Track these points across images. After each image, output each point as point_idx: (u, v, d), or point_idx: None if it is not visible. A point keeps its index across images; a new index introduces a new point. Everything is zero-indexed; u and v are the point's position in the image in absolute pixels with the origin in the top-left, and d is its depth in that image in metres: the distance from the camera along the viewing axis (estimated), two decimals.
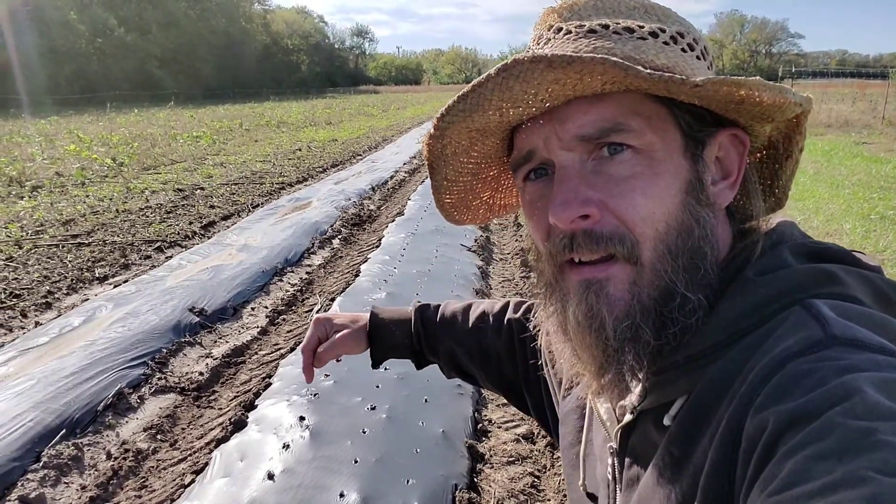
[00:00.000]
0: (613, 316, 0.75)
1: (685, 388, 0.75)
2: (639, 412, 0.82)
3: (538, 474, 2.94)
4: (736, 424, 0.63)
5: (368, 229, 7.75)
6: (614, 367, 0.77)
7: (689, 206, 0.76)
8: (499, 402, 3.60)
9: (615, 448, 0.87)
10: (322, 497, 2.60)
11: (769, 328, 0.69)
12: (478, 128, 0.83)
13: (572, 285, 0.79)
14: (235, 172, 11.89)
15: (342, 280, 5.59)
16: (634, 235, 0.74)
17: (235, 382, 3.90)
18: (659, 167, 0.75)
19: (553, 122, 0.77)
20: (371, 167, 12.49)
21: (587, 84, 0.71)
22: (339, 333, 1.35)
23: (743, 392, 0.65)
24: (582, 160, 0.77)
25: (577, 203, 0.74)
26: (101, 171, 11.46)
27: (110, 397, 3.58)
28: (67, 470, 3.03)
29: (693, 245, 0.76)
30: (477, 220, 1.07)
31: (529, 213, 0.85)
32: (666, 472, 0.73)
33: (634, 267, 0.75)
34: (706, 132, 0.79)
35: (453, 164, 0.92)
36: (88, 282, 5.75)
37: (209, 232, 7.60)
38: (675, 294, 0.74)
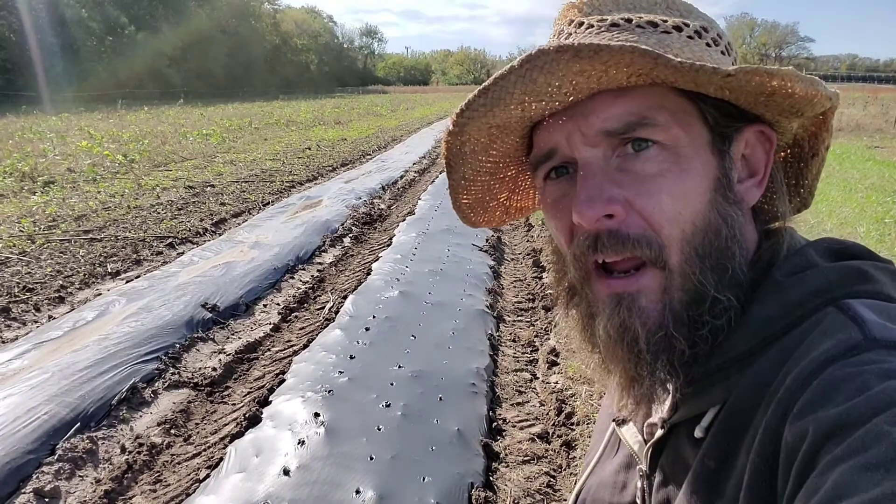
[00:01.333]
0: (646, 329, 0.72)
1: (718, 397, 0.72)
2: (670, 426, 0.79)
3: (554, 474, 2.93)
4: (774, 433, 0.60)
5: (379, 228, 7.75)
6: (648, 379, 0.74)
7: (716, 204, 0.73)
8: (513, 402, 3.59)
9: (644, 470, 0.84)
10: (338, 494, 2.59)
11: (803, 331, 0.67)
12: (498, 124, 0.80)
13: (601, 297, 0.77)
14: (245, 170, 11.91)
15: (354, 278, 5.59)
16: (661, 238, 0.72)
17: (249, 378, 3.90)
18: (686, 164, 0.73)
19: (576, 117, 0.75)
20: (381, 166, 12.49)
21: (612, 77, 0.69)
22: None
23: (780, 398, 0.61)
24: (606, 157, 0.74)
25: (602, 201, 0.71)
26: (113, 168, 11.49)
27: (124, 391, 3.58)
28: (82, 463, 3.03)
29: (721, 245, 0.73)
30: (493, 221, 1.02)
31: (551, 214, 0.82)
32: (702, 487, 0.70)
33: (663, 272, 0.73)
34: (733, 128, 0.76)
35: (472, 163, 0.88)
36: (101, 277, 5.77)
37: (220, 229, 7.61)
38: (705, 296, 0.72)
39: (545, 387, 3.73)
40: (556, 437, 3.18)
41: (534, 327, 4.66)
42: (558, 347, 4.14)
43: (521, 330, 4.61)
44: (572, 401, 3.43)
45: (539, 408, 3.52)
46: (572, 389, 3.55)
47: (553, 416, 3.35)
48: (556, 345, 4.18)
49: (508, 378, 3.86)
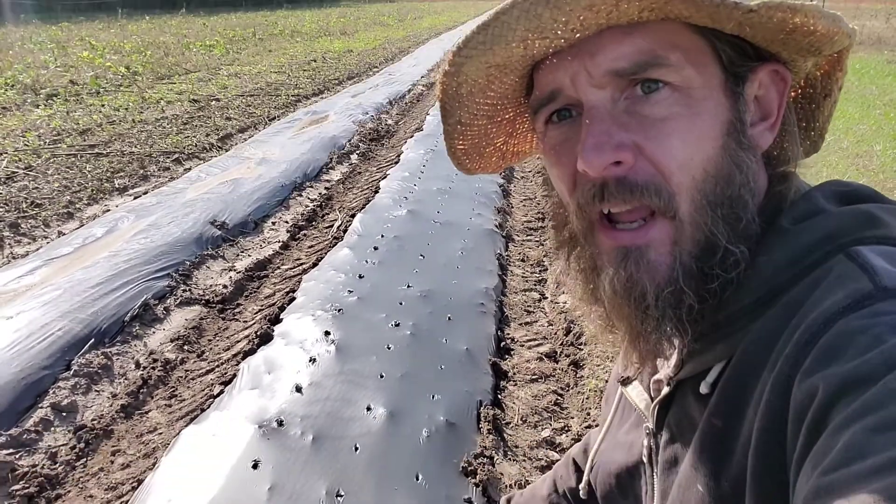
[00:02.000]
0: (655, 283, 0.70)
1: (724, 352, 0.70)
2: (676, 383, 0.77)
3: (561, 392, 2.97)
4: (782, 389, 0.58)
5: (387, 145, 7.64)
6: (654, 334, 0.72)
7: (729, 149, 0.70)
8: (522, 321, 3.61)
9: (651, 428, 0.82)
10: (349, 410, 2.64)
11: (812, 281, 0.64)
12: (498, 63, 0.74)
13: (607, 250, 0.74)
14: (250, 83, 11.67)
15: (362, 196, 5.55)
16: (671, 186, 0.68)
17: (259, 296, 3.92)
18: (698, 107, 0.69)
19: (582, 56, 0.70)
20: (388, 80, 12.21)
21: (623, 11, 0.64)
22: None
23: (788, 353, 0.59)
24: (614, 99, 0.70)
25: (610, 147, 0.68)
26: (116, 80, 11.27)
27: (136, 308, 3.62)
28: (98, 378, 3.09)
29: (733, 193, 0.70)
30: (489, 168, 0.98)
31: (553, 160, 0.78)
32: (709, 446, 0.68)
33: (672, 222, 0.69)
34: (747, 67, 0.72)
35: (468, 106, 0.83)
36: (108, 192, 5.75)
37: (226, 144, 7.52)
38: (716, 248, 0.69)
39: (554, 307, 3.75)
40: (564, 357, 3.22)
41: (543, 247, 4.65)
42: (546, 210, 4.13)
43: (530, 249, 4.60)
44: (581, 321, 3.44)
45: (547, 327, 3.54)
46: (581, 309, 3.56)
47: (561, 335, 3.37)
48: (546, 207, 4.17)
49: (517, 298, 3.87)
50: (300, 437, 2.48)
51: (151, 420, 2.82)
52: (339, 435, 2.50)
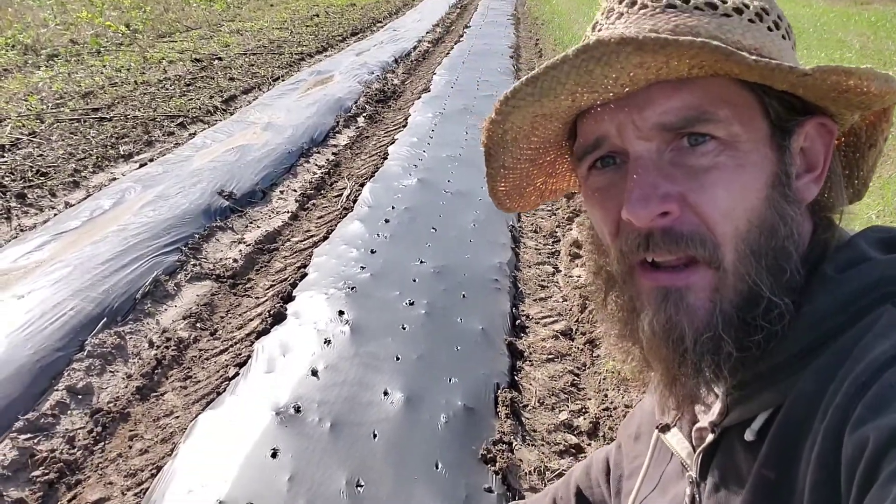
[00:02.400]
0: (694, 328, 0.69)
1: (771, 400, 0.69)
2: (721, 431, 0.77)
3: (578, 372, 2.95)
4: (833, 442, 0.58)
5: (394, 107, 7.51)
6: (691, 379, 0.72)
7: (773, 201, 0.70)
8: (536, 297, 3.58)
9: (694, 477, 0.81)
10: (366, 395, 2.63)
11: (860, 330, 0.63)
12: (544, 113, 0.75)
13: (646, 291, 0.73)
14: (252, 41, 11.46)
15: (370, 163, 5.47)
16: (715, 236, 0.68)
17: (270, 270, 3.89)
18: (744, 159, 0.69)
19: (630, 108, 0.70)
20: (393, 36, 11.97)
21: (673, 68, 0.65)
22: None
23: (838, 404, 0.59)
24: (660, 150, 0.70)
25: (656, 199, 0.68)
26: (116, 39, 11.06)
27: (147, 285, 3.59)
28: (112, 359, 3.08)
29: (777, 245, 0.69)
30: (528, 206, 0.99)
31: (595, 204, 0.78)
32: (762, 498, 0.67)
33: (716, 272, 0.69)
34: (794, 121, 0.72)
35: (512, 151, 0.85)
36: (114, 159, 5.67)
37: (230, 107, 7.40)
38: (760, 299, 0.68)
39: (568, 281, 3.71)
40: (580, 335, 3.19)
41: (556, 216, 4.59)
42: (581, 238, 4.08)
43: (542, 220, 4.55)
44: None
45: (562, 303, 3.51)
46: None
47: (576, 312, 3.34)
48: (579, 236, 4.12)
49: (531, 272, 3.83)
50: (318, 423, 2.47)
51: (167, 403, 2.82)
52: (357, 421, 2.49)
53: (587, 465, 1.20)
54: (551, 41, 11.08)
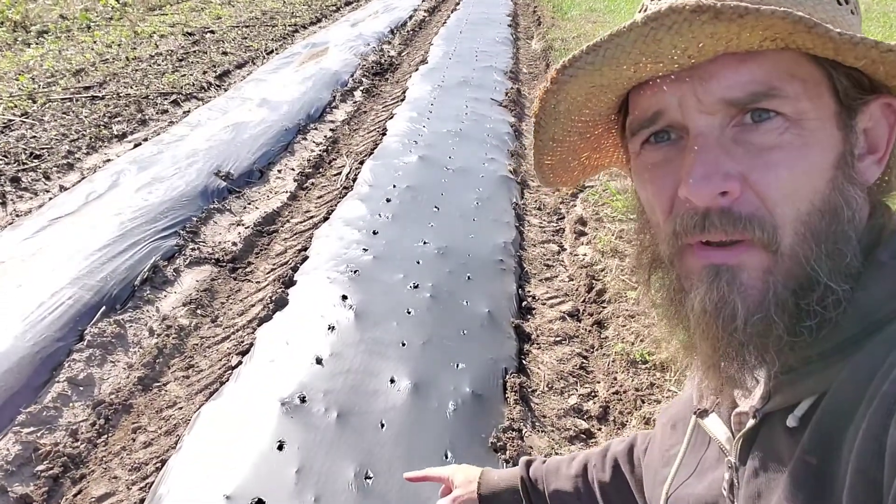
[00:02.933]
0: (746, 307, 0.67)
1: (816, 386, 0.67)
2: (762, 416, 0.74)
3: (586, 355, 2.91)
4: (880, 429, 0.56)
5: (391, 80, 7.38)
6: (736, 361, 0.70)
7: (837, 183, 0.67)
8: (541, 277, 3.52)
9: (733, 462, 0.79)
10: (373, 383, 2.58)
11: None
12: (603, 84, 0.72)
13: (697, 269, 0.71)
14: (245, 13, 11.24)
15: (369, 139, 5.37)
16: (775, 218, 0.66)
17: (270, 254, 3.83)
18: (810, 138, 0.66)
19: (693, 80, 0.67)
20: (387, 5, 11.73)
21: (745, 40, 0.61)
22: (458, 498, 1.29)
23: (885, 391, 0.57)
24: (722, 126, 0.67)
25: (718, 177, 0.65)
26: (106, 13, 10.84)
27: (146, 271, 3.53)
28: (112, 348, 3.03)
29: (839, 228, 0.67)
30: (570, 181, 0.97)
31: (647, 181, 0.75)
32: (803, 485, 0.65)
33: (772, 255, 0.66)
34: (862, 100, 0.69)
35: (563, 123, 0.82)
36: (107, 140, 5.57)
37: (224, 82, 7.27)
38: (816, 285, 0.66)
39: (573, 259, 3.65)
40: (587, 315, 3.14)
41: (559, 193, 4.52)
42: (585, 215, 4.02)
43: (545, 196, 4.47)
44: (603, 276, 3.36)
45: (568, 283, 3.46)
46: (602, 263, 3.47)
47: (583, 292, 3.29)
48: (584, 212, 4.06)
49: (535, 251, 3.77)
50: (324, 414, 2.43)
51: (170, 393, 2.77)
52: (364, 411, 2.45)
53: (630, 443, 1.17)
54: (549, 9, 10.87)
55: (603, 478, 1.17)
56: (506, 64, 7.46)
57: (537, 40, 8.97)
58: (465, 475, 1.32)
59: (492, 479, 1.30)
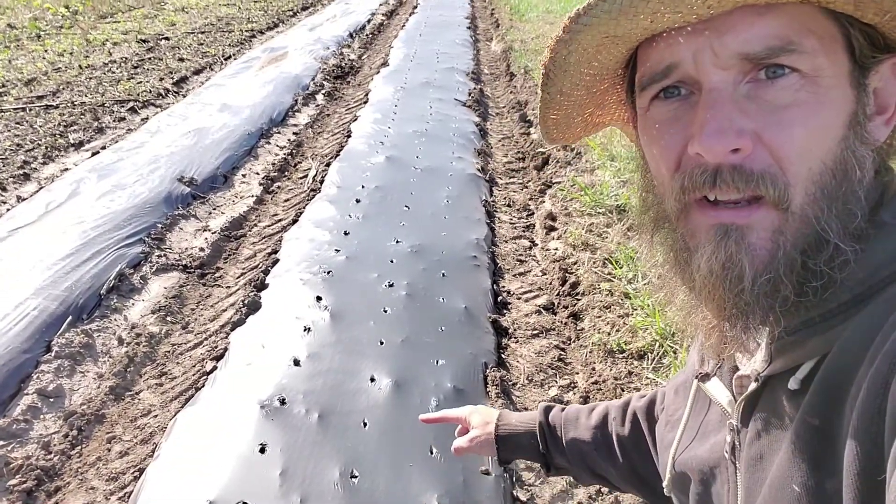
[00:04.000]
0: (754, 267, 0.66)
1: (818, 348, 0.67)
2: (764, 379, 0.74)
3: (563, 346, 2.93)
4: (881, 388, 0.56)
5: (353, 82, 7.34)
6: (741, 322, 0.69)
7: (849, 142, 0.66)
8: (515, 272, 3.54)
9: (735, 425, 0.79)
10: (353, 382, 2.56)
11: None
12: (617, 34, 0.70)
13: (704, 228, 0.70)
14: (200, 19, 11.08)
15: (334, 141, 5.33)
16: (787, 176, 0.65)
17: (239, 258, 3.77)
18: (824, 96, 0.65)
19: (710, 32, 0.65)
20: (345, 9, 11.67)
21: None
22: (475, 438, 1.29)
23: (887, 351, 0.57)
24: (736, 82, 0.66)
25: (732, 133, 0.64)
26: (56, 22, 10.59)
27: (112, 279, 3.45)
28: (81, 359, 2.95)
29: (849, 188, 0.66)
30: (572, 138, 0.95)
31: (654, 137, 0.73)
32: (806, 446, 0.65)
33: (783, 213, 0.66)
34: (876, 58, 0.68)
35: (572, 76, 0.79)
36: (64, 149, 5.43)
37: (182, 89, 7.15)
38: (826, 244, 0.65)
39: (545, 254, 3.67)
40: (562, 308, 3.16)
41: (527, 189, 4.55)
42: (555, 211, 4.04)
43: (514, 193, 4.49)
44: (575, 269, 3.38)
45: (542, 277, 3.48)
46: (574, 257, 3.49)
47: (557, 285, 3.31)
48: (553, 208, 4.08)
49: (508, 247, 3.78)
50: (305, 415, 2.40)
51: (144, 402, 2.71)
52: (346, 410, 2.43)
53: (650, 399, 1.17)
54: (507, 11, 10.94)
55: (622, 431, 1.16)
56: (467, 65, 7.48)
57: (497, 42, 9.03)
58: (482, 416, 1.31)
59: (510, 421, 1.28)
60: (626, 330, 2.86)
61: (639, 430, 1.15)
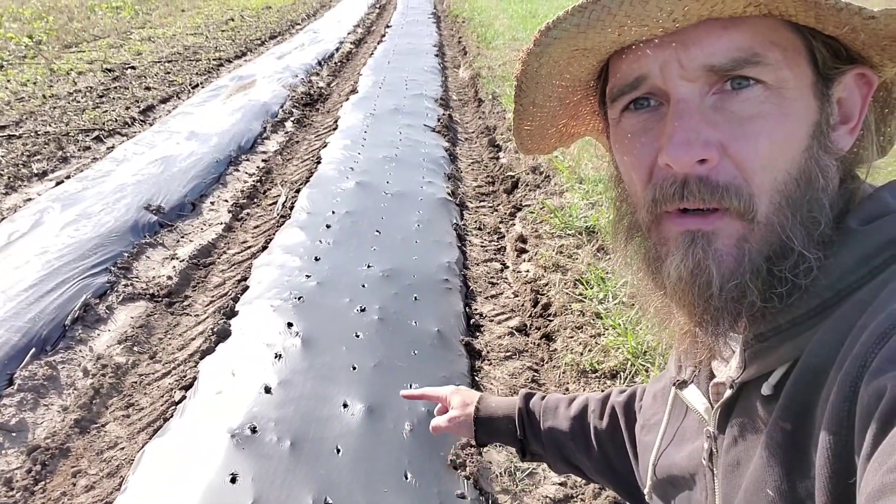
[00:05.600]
0: (721, 273, 0.67)
1: (789, 354, 0.68)
2: (739, 385, 0.75)
3: (537, 368, 2.93)
4: (850, 391, 0.57)
5: (322, 109, 7.35)
6: (711, 327, 0.70)
7: (812, 152, 0.68)
8: (487, 294, 3.54)
9: (712, 431, 0.80)
10: (325, 409, 2.53)
11: (881, 282, 0.63)
12: (586, 47, 0.71)
13: (673, 236, 0.71)
14: (166, 48, 11.03)
15: (304, 168, 5.32)
16: (752, 187, 0.66)
17: (208, 286, 3.72)
18: (788, 107, 0.66)
19: (675, 45, 0.67)
20: (313, 38, 11.73)
21: (728, 4, 0.62)
22: (453, 418, 1.30)
23: (856, 354, 0.57)
24: (702, 93, 0.67)
25: (698, 144, 0.65)
26: (19, 52, 10.46)
27: (77, 309, 3.37)
28: (45, 391, 2.88)
29: (813, 196, 0.68)
30: (546, 149, 0.96)
31: (626, 148, 0.75)
32: (779, 450, 0.66)
33: (748, 223, 0.67)
34: (838, 69, 0.70)
35: (544, 87, 0.81)
36: (27, 179, 5.34)
37: (149, 118, 7.09)
38: (790, 252, 0.67)
39: (517, 276, 3.68)
40: (535, 330, 3.17)
41: (497, 212, 4.57)
42: (525, 233, 4.07)
43: (485, 216, 4.51)
44: (547, 290, 3.40)
45: (514, 299, 3.48)
46: (545, 278, 3.51)
47: (529, 307, 3.32)
48: (523, 230, 4.11)
49: (479, 269, 3.79)
50: (277, 443, 2.36)
51: (110, 434, 2.64)
52: (318, 437, 2.39)
53: (630, 394, 1.17)
54: (474, 38, 11.08)
55: (599, 425, 1.17)
56: (436, 92, 7.54)
57: (464, 69, 9.12)
58: (462, 397, 1.32)
59: (490, 405, 1.29)
60: (599, 349, 2.87)
61: (616, 425, 1.15)
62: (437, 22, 13.89)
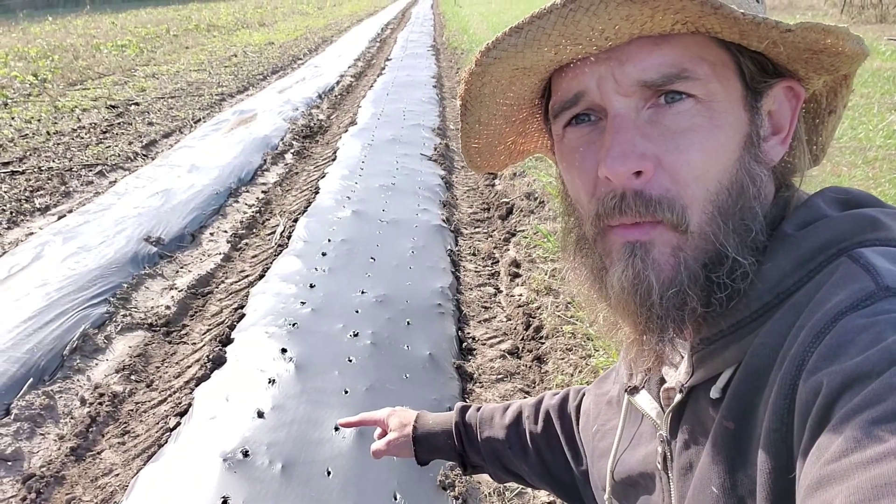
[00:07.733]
0: (660, 282, 0.70)
1: (734, 357, 0.70)
2: (688, 390, 0.77)
3: (528, 390, 2.95)
4: (789, 389, 0.59)
5: (321, 141, 7.46)
6: (657, 334, 0.72)
7: (744, 162, 0.71)
8: (480, 319, 3.57)
9: (665, 436, 0.82)
10: (317, 432, 2.55)
11: (816, 283, 0.65)
12: (525, 66, 0.74)
13: (615, 246, 0.74)
14: (170, 84, 11.24)
15: (302, 198, 5.40)
16: (684, 199, 0.69)
17: (206, 314, 3.77)
18: (719, 119, 0.69)
19: (610, 63, 0.70)
20: (315, 72, 11.94)
21: (657, 22, 0.65)
22: (392, 441, 1.31)
23: (794, 353, 0.60)
24: (637, 108, 0.70)
25: (634, 157, 0.68)
26: (24, 90, 10.67)
27: (75, 340, 3.42)
28: (41, 420, 2.91)
29: (745, 205, 0.70)
30: (496, 166, 0.99)
31: (571, 163, 0.77)
32: (722, 448, 0.69)
33: (681, 234, 0.70)
34: (766, 83, 0.73)
35: (488, 106, 0.84)
36: (29, 213, 5.43)
37: (152, 152, 7.21)
38: (725, 259, 0.69)
39: (510, 300, 3.72)
40: (527, 352, 3.19)
41: (492, 238, 4.62)
42: (518, 258, 4.11)
43: (479, 242, 4.56)
44: (539, 313, 3.43)
45: (506, 323, 3.51)
46: (538, 302, 3.54)
47: (521, 330, 3.35)
48: (517, 255, 4.15)
49: (473, 294, 3.83)
50: (268, 466, 2.38)
51: (105, 461, 2.67)
52: (309, 460, 2.42)
53: (563, 397, 1.18)
54: None
55: (534, 429, 1.18)
56: (433, 122, 7.65)
57: None
58: (399, 419, 1.33)
59: (427, 422, 1.30)
60: (589, 370, 2.90)
61: (551, 428, 1.16)
62: (436, 54, 14.10)
